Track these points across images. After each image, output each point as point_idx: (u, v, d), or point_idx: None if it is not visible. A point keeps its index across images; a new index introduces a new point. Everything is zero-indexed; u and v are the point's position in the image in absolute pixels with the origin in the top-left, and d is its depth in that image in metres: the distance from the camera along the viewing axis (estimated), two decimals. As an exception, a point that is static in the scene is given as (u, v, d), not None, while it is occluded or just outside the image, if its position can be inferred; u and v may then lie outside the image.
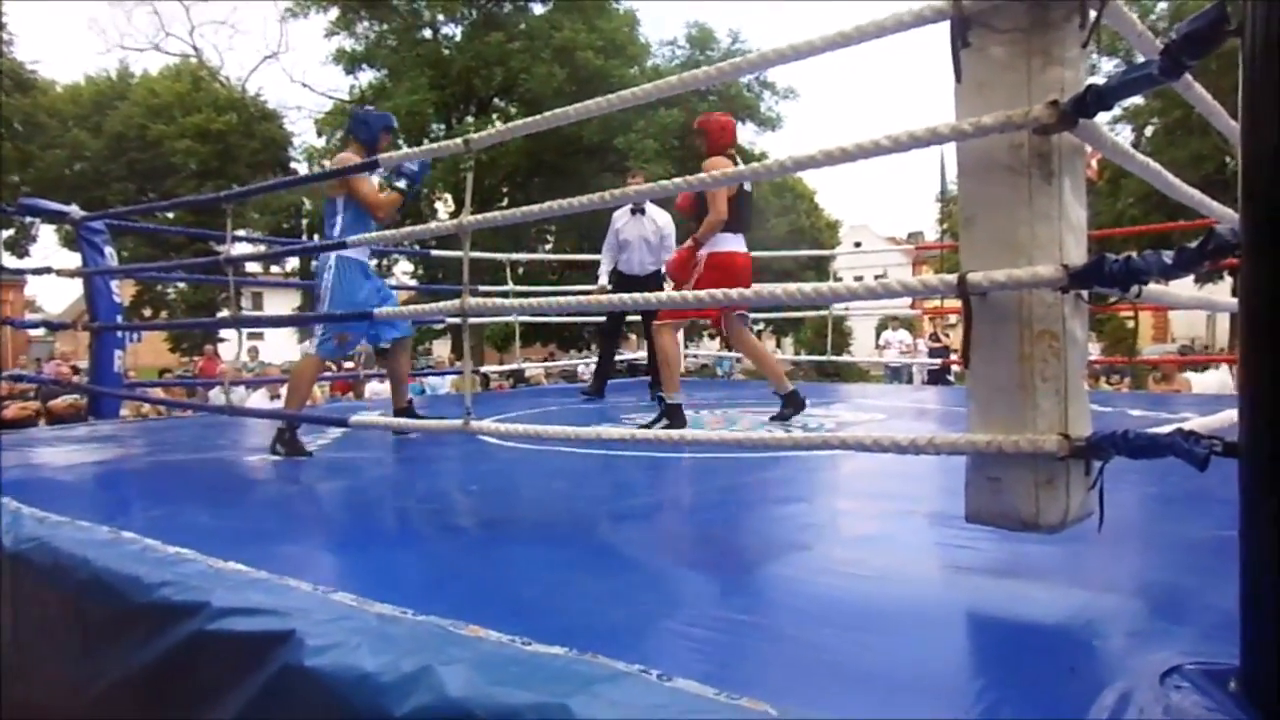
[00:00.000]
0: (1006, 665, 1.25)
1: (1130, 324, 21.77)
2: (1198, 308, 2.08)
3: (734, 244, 3.87)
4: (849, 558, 1.87)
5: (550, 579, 1.75)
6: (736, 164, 3.70)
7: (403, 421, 2.60)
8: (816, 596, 1.59)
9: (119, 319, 5.49)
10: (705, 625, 1.42)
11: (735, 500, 2.58)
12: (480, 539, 2.18)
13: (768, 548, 1.96)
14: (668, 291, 6.23)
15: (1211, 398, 6.33)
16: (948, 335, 12.23)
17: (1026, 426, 1.45)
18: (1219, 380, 7.84)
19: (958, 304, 1.52)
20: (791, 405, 4.01)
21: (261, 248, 9.17)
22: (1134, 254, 1.28)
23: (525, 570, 1.82)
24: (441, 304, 2.44)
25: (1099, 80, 1.40)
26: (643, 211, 5.84)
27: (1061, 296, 1.42)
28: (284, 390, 8.53)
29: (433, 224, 3.03)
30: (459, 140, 2.30)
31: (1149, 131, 19.77)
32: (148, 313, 22.78)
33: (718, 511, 2.47)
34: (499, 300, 2.34)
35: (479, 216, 2.21)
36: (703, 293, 1.94)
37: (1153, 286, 1.66)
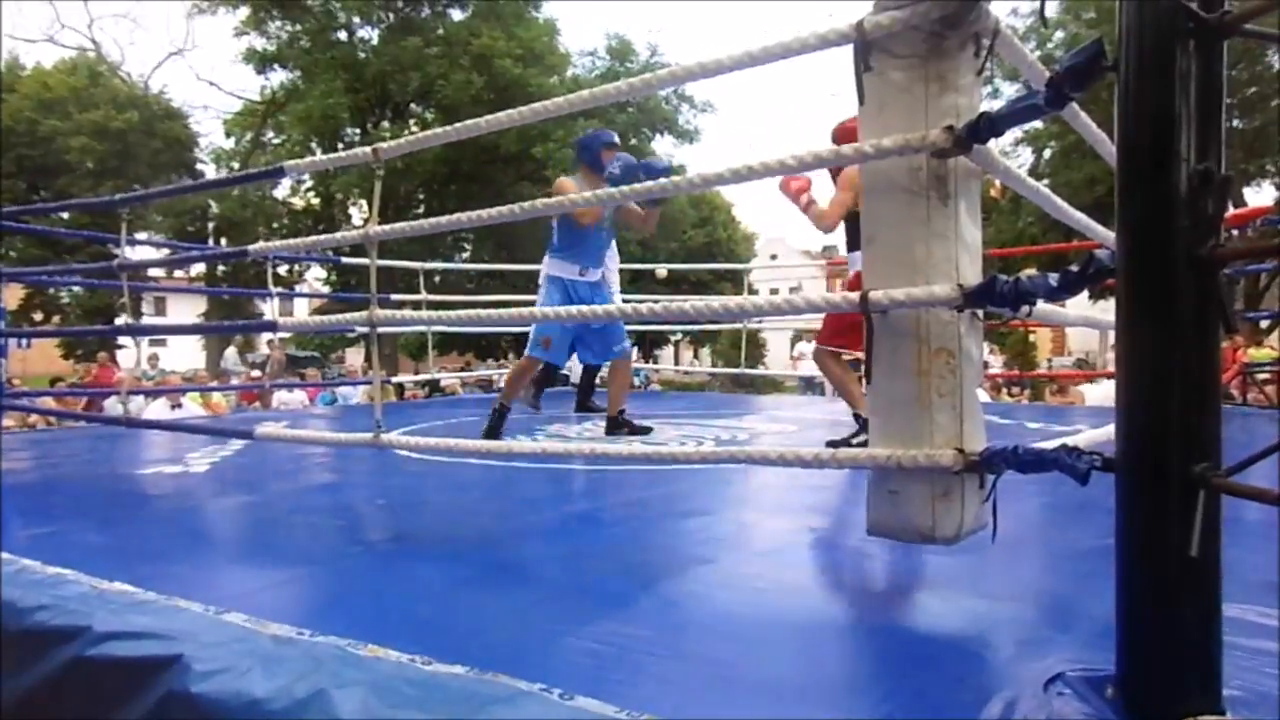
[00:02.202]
0: (899, 676, 1.28)
1: (1031, 338, 22.74)
2: (1084, 324, 2.19)
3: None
4: (752, 571, 1.89)
5: (455, 596, 1.72)
6: None
7: (305, 435, 2.53)
8: (718, 611, 1.61)
9: (0, 324, 5.19)
10: (609, 641, 1.41)
11: (642, 514, 2.59)
12: (385, 555, 2.13)
13: (672, 562, 1.96)
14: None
15: (1101, 409, 6.64)
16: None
17: (924, 441, 1.49)
18: (1104, 393, 8.23)
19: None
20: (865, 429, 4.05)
21: (165, 252, 8.77)
22: (1022, 276, 1.34)
23: (430, 587, 1.78)
24: (349, 315, 2.38)
25: (1001, 105, 1.46)
26: None
27: (957, 315, 1.47)
28: (184, 399, 8.23)
29: (339, 234, 2.95)
30: (367, 149, 2.26)
31: (1047, 154, 20.69)
32: (38, 318, 21.62)
33: (624, 526, 2.47)
34: (408, 312, 2.30)
35: (386, 227, 2.16)
36: (600, 309, 1.94)
37: (1043, 308, 1.74)
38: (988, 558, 1.76)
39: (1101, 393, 8.19)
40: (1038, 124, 19.57)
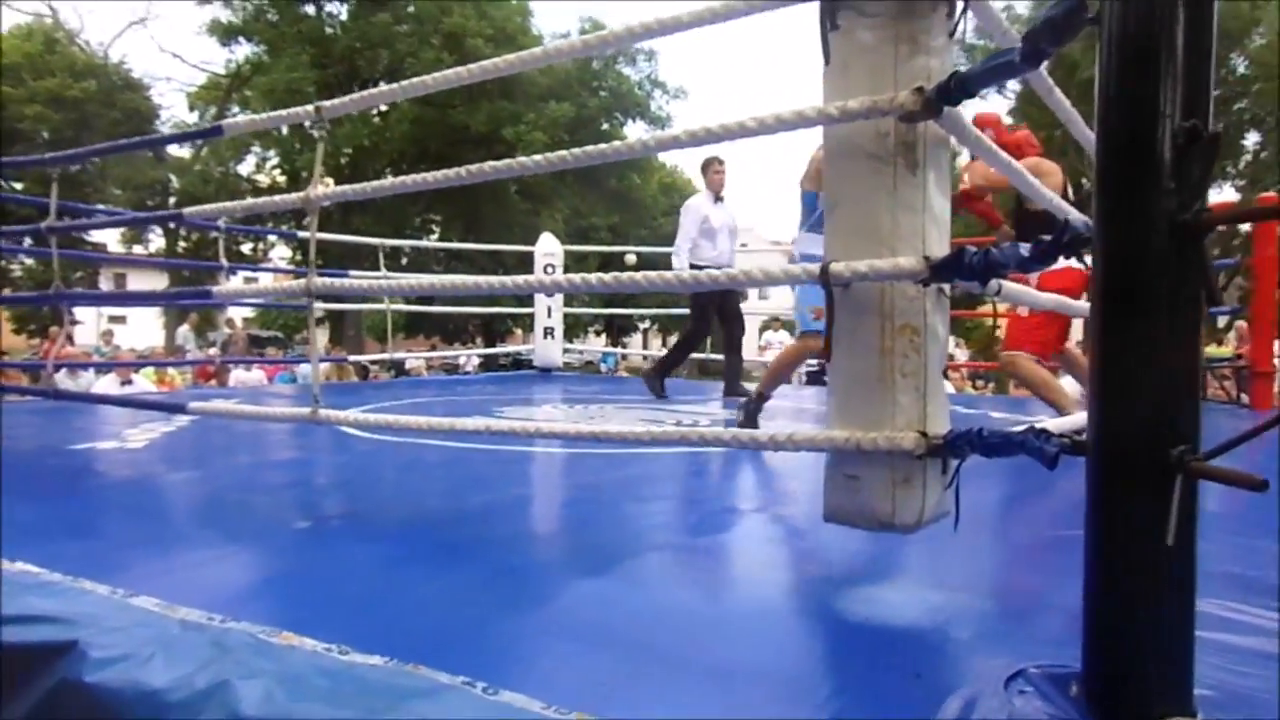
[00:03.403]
0: (854, 670, 1.20)
1: (999, 333, 22.92)
2: (1055, 308, 2.12)
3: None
4: (702, 558, 1.81)
5: (386, 579, 1.61)
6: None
7: (239, 409, 2.39)
8: (665, 599, 1.52)
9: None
10: (545, 630, 1.32)
11: (595, 498, 2.50)
12: (320, 535, 2.01)
13: (621, 547, 1.88)
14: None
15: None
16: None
17: (885, 423, 1.41)
18: (1069, 388, 8.25)
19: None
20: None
21: (85, 217, 8.33)
22: (992, 247, 1.26)
23: (361, 570, 1.68)
24: (286, 284, 2.26)
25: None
26: (723, 199, 5.51)
27: (923, 290, 1.39)
28: (136, 376, 7.99)
29: (278, 197, 2.80)
30: (309, 107, 2.14)
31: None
32: (-14, 290, 21.02)
33: (574, 509, 2.38)
34: (349, 281, 2.18)
35: (327, 190, 2.04)
36: (563, 278, 1.84)
37: (1013, 286, 1.67)
38: (947, 547, 1.69)
39: (1068, 388, 8.23)
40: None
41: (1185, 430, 0.93)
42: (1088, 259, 3.08)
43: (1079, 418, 1.80)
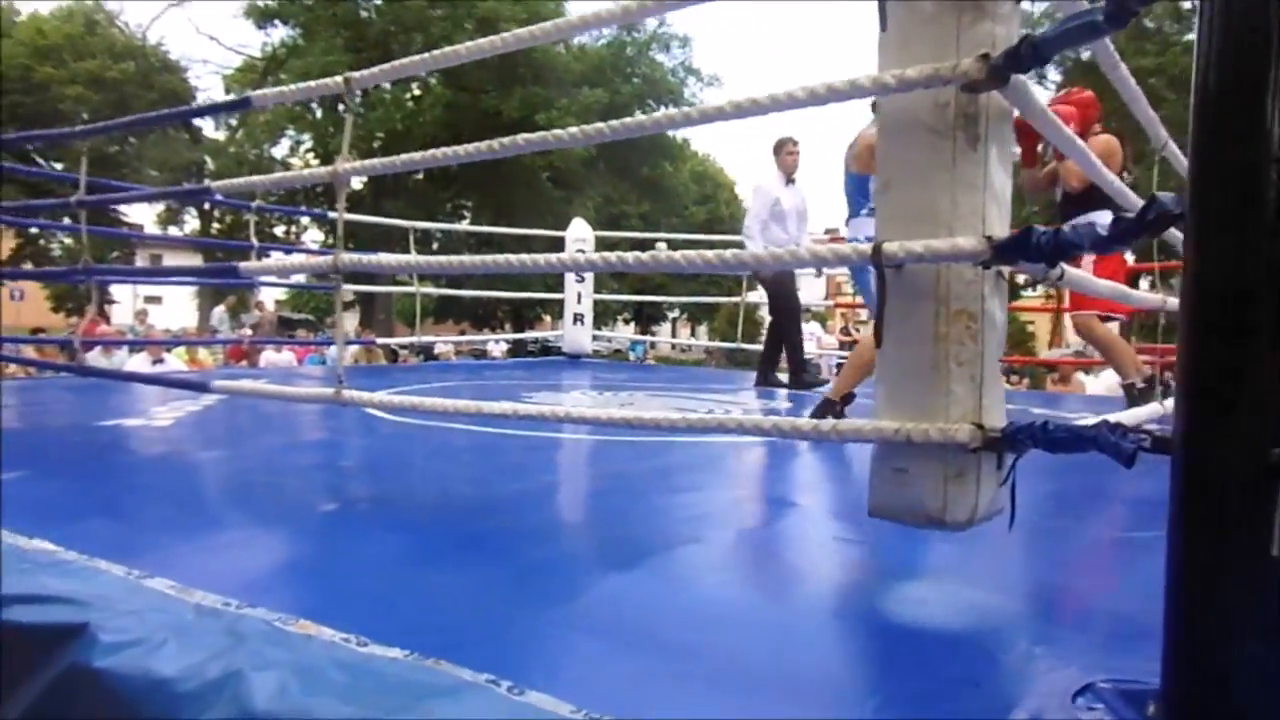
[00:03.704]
0: (905, 678, 1.12)
1: (1030, 329, 22.68)
2: (1113, 296, 2.01)
3: None
4: (739, 554, 1.73)
5: (410, 569, 1.56)
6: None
7: (263, 388, 2.35)
8: (700, 596, 1.45)
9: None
10: (575, 626, 1.25)
11: (627, 488, 2.42)
12: (341, 520, 1.96)
13: (654, 540, 1.80)
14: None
15: (1101, 399, 6.49)
16: (858, 330, 12.35)
17: (938, 414, 1.32)
18: (1107, 384, 8.06)
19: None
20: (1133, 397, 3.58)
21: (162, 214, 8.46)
22: (1063, 227, 1.17)
23: (384, 558, 1.62)
24: (314, 259, 2.20)
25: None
26: (794, 181, 5.38)
27: (982, 272, 1.29)
28: (168, 355, 8.04)
29: (305, 171, 2.73)
30: (339, 79, 2.08)
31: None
32: (27, 267, 21.37)
33: (605, 499, 2.31)
34: (377, 256, 2.12)
35: (354, 164, 1.98)
36: (597, 256, 1.76)
37: (1074, 272, 1.57)
38: (1000, 547, 1.60)
39: (1104, 384, 8.05)
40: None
41: (1288, 428, 0.84)
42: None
43: (1145, 410, 1.70)
